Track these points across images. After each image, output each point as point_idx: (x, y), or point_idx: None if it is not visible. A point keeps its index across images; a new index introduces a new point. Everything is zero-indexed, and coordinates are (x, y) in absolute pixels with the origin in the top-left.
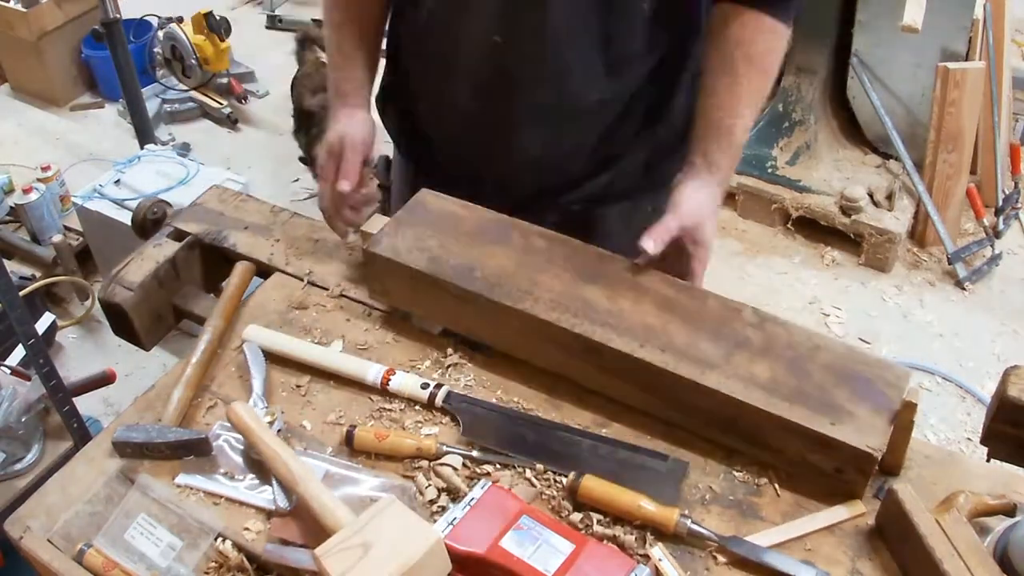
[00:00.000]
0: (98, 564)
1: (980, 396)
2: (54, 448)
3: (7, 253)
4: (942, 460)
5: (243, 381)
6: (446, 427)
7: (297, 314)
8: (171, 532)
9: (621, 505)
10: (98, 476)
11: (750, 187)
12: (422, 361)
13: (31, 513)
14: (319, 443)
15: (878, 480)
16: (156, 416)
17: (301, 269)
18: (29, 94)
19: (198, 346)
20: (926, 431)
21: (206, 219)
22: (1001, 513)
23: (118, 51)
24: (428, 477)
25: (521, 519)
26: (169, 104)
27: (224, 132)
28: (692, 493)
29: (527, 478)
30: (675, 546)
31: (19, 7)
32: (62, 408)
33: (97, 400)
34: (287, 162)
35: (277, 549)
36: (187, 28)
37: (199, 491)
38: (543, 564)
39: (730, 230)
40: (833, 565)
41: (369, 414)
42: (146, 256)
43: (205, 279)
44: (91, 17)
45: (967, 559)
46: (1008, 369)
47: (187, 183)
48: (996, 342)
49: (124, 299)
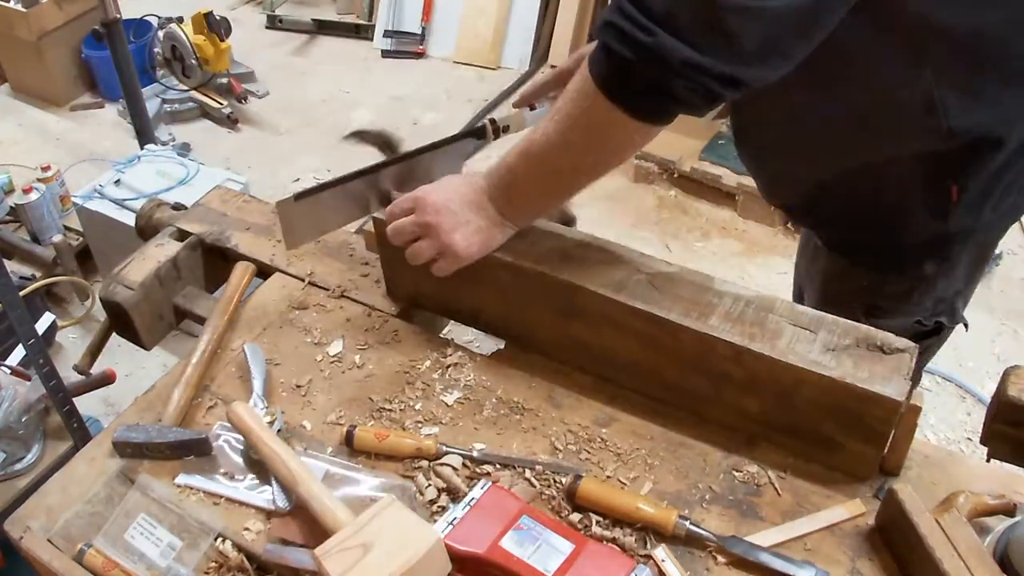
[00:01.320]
0: (98, 564)
1: (980, 396)
2: (54, 448)
3: (7, 253)
4: (942, 460)
5: (243, 381)
6: (446, 427)
7: (297, 314)
8: (171, 532)
9: (619, 507)
10: (98, 476)
11: (750, 187)
12: (422, 361)
13: (31, 513)
14: (319, 443)
15: (878, 480)
16: (156, 416)
17: (303, 270)
18: (29, 94)
19: (198, 346)
20: (926, 431)
21: (208, 219)
22: (1001, 513)
23: (118, 51)
24: (428, 477)
25: (521, 519)
26: (169, 104)
27: (224, 132)
28: (692, 493)
29: (527, 478)
30: (674, 546)
31: (19, 7)
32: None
33: (97, 400)
34: (287, 162)
35: (277, 549)
36: (187, 28)
37: (199, 491)
38: (543, 564)
39: (730, 230)
40: (833, 565)
41: (369, 414)
42: (147, 256)
43: (206, 279)
44: (91, 17)
45: (967, 559)
46: (1008, 369)
47: (187, 183)
48: (996, 342)
49: (125, 298)
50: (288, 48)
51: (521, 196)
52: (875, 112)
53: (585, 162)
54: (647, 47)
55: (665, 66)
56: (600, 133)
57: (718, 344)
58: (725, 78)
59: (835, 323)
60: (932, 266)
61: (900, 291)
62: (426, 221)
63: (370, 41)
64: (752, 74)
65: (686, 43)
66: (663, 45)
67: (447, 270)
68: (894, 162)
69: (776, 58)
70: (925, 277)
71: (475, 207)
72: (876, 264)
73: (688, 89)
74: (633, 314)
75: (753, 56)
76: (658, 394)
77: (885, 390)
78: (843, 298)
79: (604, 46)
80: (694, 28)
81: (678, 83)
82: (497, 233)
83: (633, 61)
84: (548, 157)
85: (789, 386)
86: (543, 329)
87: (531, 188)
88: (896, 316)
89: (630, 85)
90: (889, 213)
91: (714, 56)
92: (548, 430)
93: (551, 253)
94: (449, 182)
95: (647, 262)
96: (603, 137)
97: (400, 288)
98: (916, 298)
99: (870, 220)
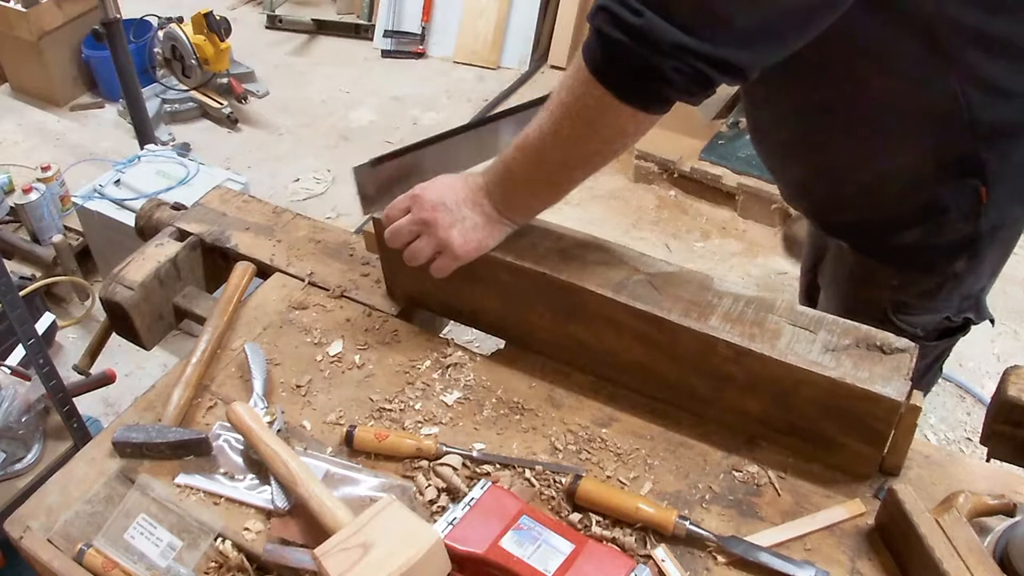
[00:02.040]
0: (98, 564)
1: (980, 396)
2: (54, 448)
3: (7, 253)
4: (942, 460)
5: (243, 381)
6: (446, 427)
7: (297, 314)
8: (171, 532)
9: (619, 507)
10: (98, 476)
11: (750, 187)
12: (422, 361)
13: (31, 513)
14: (319, 443)
15: (878, 480)
16: (156, 416)
17: (302, 270)
18: (29, 94)
19: (198, 346)
20: (926, 431)
21: (208, 219)
22: (1001, 513)
23: (118, 51)
24: (428, 477)
25: (521, 519)
26: (169, 104)
27: (224, 132)
28: (692, 493)
29: (527, 478)
30: (674, 546)
31: (19, 7)
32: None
33: (97, 400)
34: (287, 162)
35: (277, 549)
36: (187, 28)
37: (199, 491)
38: (543, 564)
39: (730, 230)
40: (833, 565)
41: (369, 414)
42: (147, 255)
43: (206, 279)
44: (91, 17)
45: (967, 559)
46: (1008, 369)
47: (187, 183)
48: (996, 342)
49: (125, 298)
50: (288, 48)
51: (517, 190)
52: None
53: (576, 153)
54: (637, 28)
55: (655, 48)
56: (591, 121)
57: (718, 344)
58: (715, 61)
59: (835, 323)
60: (962, 263)
61: (929, 288)
62: (423, 218)
63: (370, 41)
64: (743, 58)
65: (676, 25)
66: (653, 26)
67: (446, 269)
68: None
69: (767, 43)
70: (956, 274)
71: (472, 204)
72: (906, 263)
73: (678, 72)
74: (633, 314)
75: (744, 40)
76: (658, 394)
77: (885, 390)
78: (871, 297)
79: (596, 30)
80: (684, 10)
81: (668, 64)
82: (494, 230)
83: (624, 43)
84: (541, 148)
85: (789, 386)
86: (543, 329)
87: (526, 181)
88: (925, 313)
89: (621, 69)
90: (918, 217)
91: (704, 38)
92: (548, 430)
93: (551, 253)
94: (446, 179)
95: (647, 262)
96: (594, 125)
97: (400, 288)
98: (945, 295)
99: (898, 224)
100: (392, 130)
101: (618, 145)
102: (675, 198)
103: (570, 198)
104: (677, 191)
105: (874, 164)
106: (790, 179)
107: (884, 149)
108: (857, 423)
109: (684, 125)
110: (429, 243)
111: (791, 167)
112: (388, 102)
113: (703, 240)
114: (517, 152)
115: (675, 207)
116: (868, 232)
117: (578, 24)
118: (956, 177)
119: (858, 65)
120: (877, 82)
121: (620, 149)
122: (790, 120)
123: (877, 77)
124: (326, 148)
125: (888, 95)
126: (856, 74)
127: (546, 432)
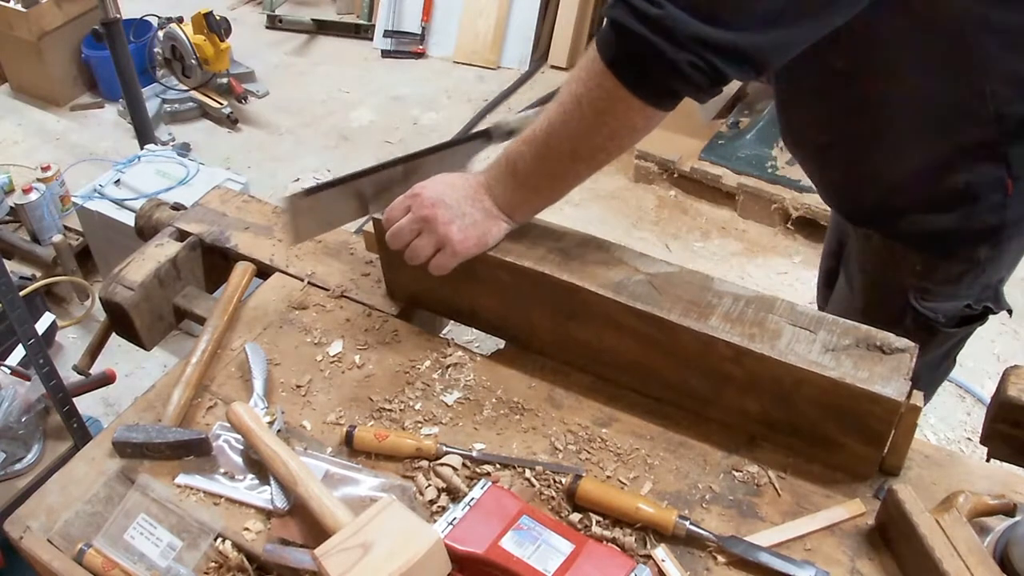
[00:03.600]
0: (98, 564)
1: (980, 396)
2: (54, 448)
3: (7, 253)
4: (942, 460)
5: (243, 381)
6: (446, 427)
7: (297, 314)
8: (171, 532)
9: (619, 507)
10: (98, 476)
11: (750, 187)
12: (422, 361)
13: (31, 513)
14: (319, 443)
15: (878, 480)
16: (156, 416)
17: (302, 270)
18: (29, 94)
19: (198, 346)
20: (926, 431)
21: (208, 219)
22: (1001, 513)
23: (118, 51)
24: (428, 477)
25: (521, 519)
26: (169, 104)
27: (224, 132)
28: (692, 493)
29: (527, 478)
30: (674, 546)
31: (19, 7)
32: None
33: (97, 400)
34: (287, 162)
35: (277, 549)
36: (187, 28)
37: (199, 491)
38: (543, 564)
39: (730, 230)
40: (833, 565)
41: (369, 414)
42: (147, 256)
43: (206, 279)
44: (91, 17)
45: (967, 559)
46: (1008, 369)
47: (187, 183)
48: (996, 342)
49: (125, 298)
50: (288, 48)
51: (519, 186)
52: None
53: (583, 145)
54: (655, 19)
55: (673, 39)
56: (601, 112)
57: (718, 344)
58: (732, 52)
59: (835, 323)
60: (985, 251)
61: (952, 275)
62: (423, 215)
63: (370, 41)
64: (762, 45)
65: (694, 16)
66: (672, 17)
67: (445, 266)
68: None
69: (787, 29)
70: (978, 262)
71: (472, 200)
72: (932, 249)
73: (693, 66)
74: (633, 314)
75: (765, 24)
76: (658, 394)
77: (885, 390)
78: (895, 283)
79: (612, 22)
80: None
81: (683, 57)
82: (493, 227)
83: (641, 34)
84: (548, 139)
85: (789, 386)
86: (543, 329)
87: (529, 176)
88: (946, 300)
89: (635, 61)
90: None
91: (724, 25)
92: (548, 430)
93: (551, 253)
94: (446, 177)
95: (647, 262)
96: (603, 116)
97: (400, 288)
98: (967, 283)
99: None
100: (392, 130)
101: (625, 140)
102: (675, 198)
103: (570, 198)
104: (677, 191)
105: (907, 158)
106: (828, 180)
107: (916, 144)
108: (857, 423)
109: (684, 125)
110: (429, 240)
111: (829, 168)
112: (388, 102)
113: (703, 240)
114: (523, 145)
115: (675, 207)
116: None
117: (578, 24)
118: (985, 168)
119: (890, 66)
120: (909, 81)
121: (626, 145)
122: (825, 122)
123: (909, 76)
124: (326, 148)
125: (919, 92)
126: (889, 74)
127: (546, 432)
